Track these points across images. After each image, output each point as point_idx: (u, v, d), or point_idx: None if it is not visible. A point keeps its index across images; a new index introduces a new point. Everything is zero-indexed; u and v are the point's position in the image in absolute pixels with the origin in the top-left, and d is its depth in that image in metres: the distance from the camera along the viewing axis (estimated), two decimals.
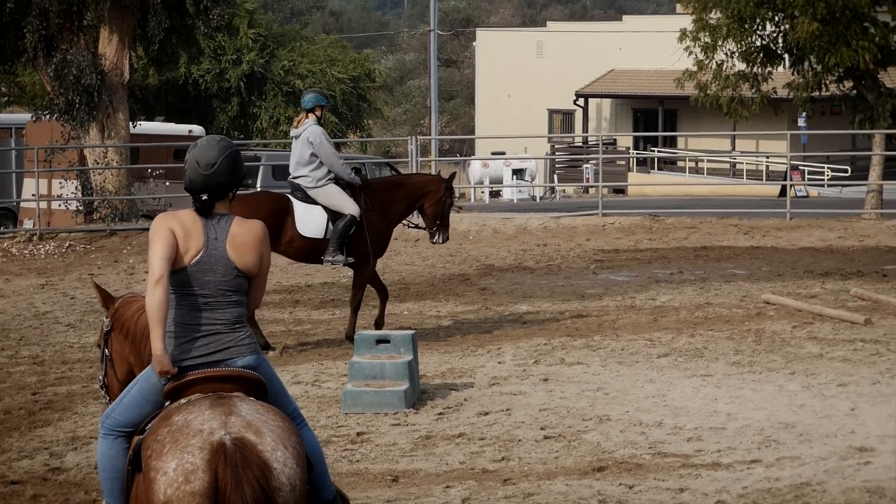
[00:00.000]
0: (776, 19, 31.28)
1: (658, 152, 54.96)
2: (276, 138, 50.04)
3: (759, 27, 31.29)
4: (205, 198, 6.58)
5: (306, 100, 15.57)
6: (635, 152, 54.68)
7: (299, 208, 15.14)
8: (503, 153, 48.38)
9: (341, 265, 15.49)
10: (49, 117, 29.63)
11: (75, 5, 28.54)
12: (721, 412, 11.60)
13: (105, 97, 28.86)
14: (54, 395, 13.27)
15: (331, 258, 15.16)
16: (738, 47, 31.24)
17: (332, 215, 15.15)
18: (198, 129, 38.18)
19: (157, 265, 6.41)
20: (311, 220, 15.11)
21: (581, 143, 59.43)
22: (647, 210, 30.35)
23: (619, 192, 48.54)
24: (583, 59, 58.73)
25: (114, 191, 29.23)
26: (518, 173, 47.70)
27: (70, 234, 27.34)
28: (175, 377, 6.47)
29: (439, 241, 15.96)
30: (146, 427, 6.43)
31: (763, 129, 43.31)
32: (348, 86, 53.65)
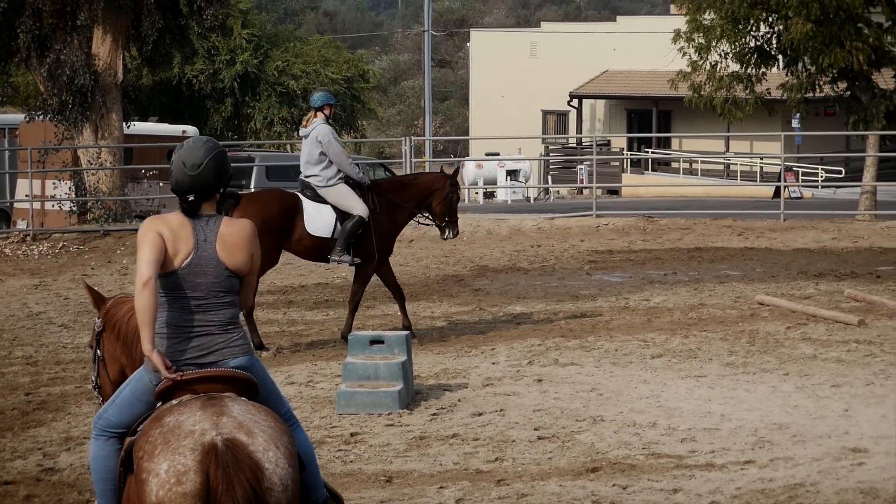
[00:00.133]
0: (770, 20, 31.31)
1: (652, 153, 54.96)
2: (270, 139, 50.03)
3: (753, 28, 31.32)
4: (191, 198, 6.57)
5: (315, 98, 15.67)
6: (629, 153, 54.69)
7: (308, 207, 15.24)
8: (497, 154, 48.38)
9: (347, 265, 15.56)
10: (42, 118, 29.62)
11: (69, 5, 28.51)
12: (715, 413, 11.60)
13: (98, 97, 28.84)
14: (48, 396, 13.26)
15: (337, 257, 15.27)
16: (732, 48, 31.27)
17: (341, 215, 15.26)
18: (191, 130, 38.15)
19: (145, 268, 6.39)
20: (319, 219, 15.22)
21: (575, 144, 59.43)
22: (641, 211, 30.36)
23: (613, 193, 48.55)
24: (577, 60, 58.72)
25: (107, 191, 29.21)
26: (512, 174, 47.67)
27: (63, 235, 27.33)
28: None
29: (450, 236, 16.12)
30: (138, 428, 6.42)
31: (757, 131, 43.35)
32: (342, 86, 53.61)
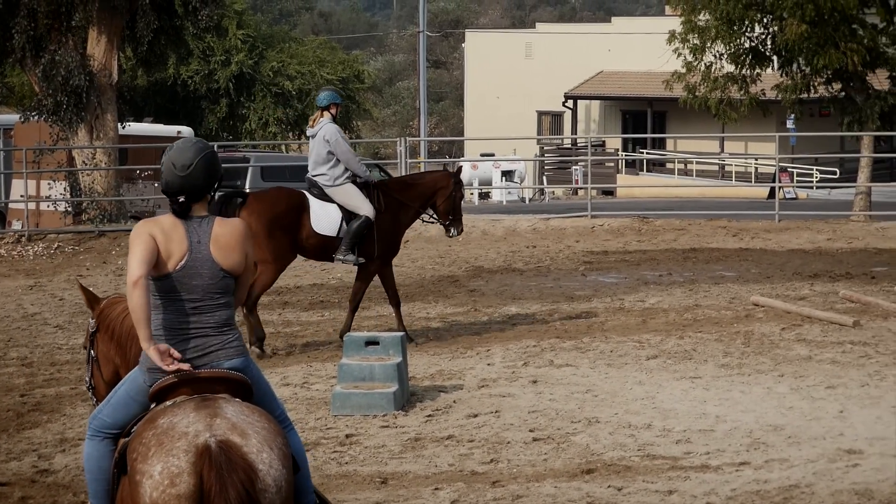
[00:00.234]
0: (765, 21, 31.33)
1: (647, 154, 54.99)
2: (265, 139, 50.01)
3: (748, 29, 31.34)
4: (182, 200, 6.57)
5: (321, 98, 15.74)
6: (624, 154, 54.71)
7: (315, 205, 15.30)
8: (492, 155, 48.38)
9: (352, 264, 15.61)
10: (37, 118, 29.60)
11: (64, 6, 28.51)
12: (710, 414, 11.60)
13: (93, 98, 28.83)
14: (43, 397, 13.25)
15: (342, 257, 15.33)
16: (727, 49, 31.29)
17: (347, 214, 15.32)
18: (186, 130, 38.14)
19: (135, 267, 6.37)
20: (326, 218, 15.28)
21: (570, 145, 59.45)
22: (636, 212, 30.37)
23: (608, 193, 48.56)
24: (572, 61, 58.75)
25: (102, 192, 29.21)
26: (507, 175, 47.69)
27: (58, 236, 27.31)
28: (160, 379, 6.45)
29: (454, 234, 16.17)
30: (132, 429, 6.42)
31: (752, 131, 43.39)
32: (337, 87, 53.59)
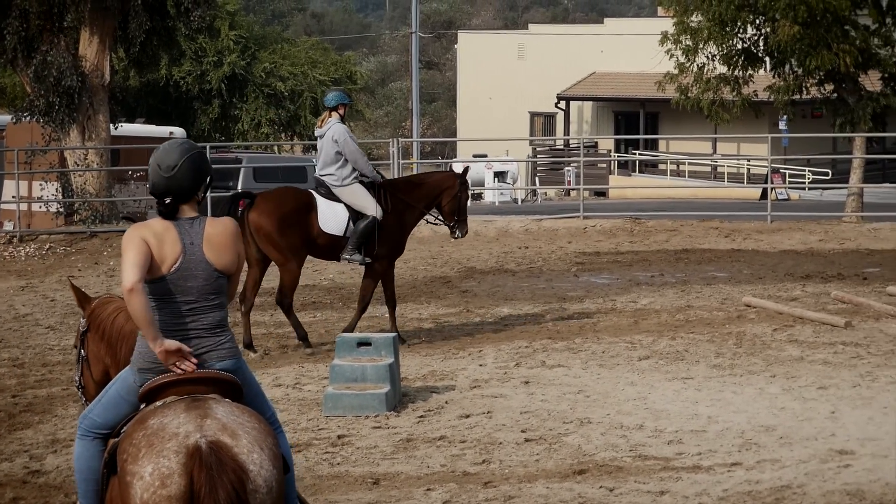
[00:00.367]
0: (757, 22, 31.34)
1: (639, 155, 55.01)
2: (258, 140, 49.96)
3: (740, 30, 31.36)
4: (168, 201, 6.55)
5: (329, 98, 15.83)
6: (616, 155, 54.72)
7: (322, 205, 15.37)
8: (485, 156, 48.37)
9: (358, 263, 15.68)
10: (29, 119, 29.56)
11: (56, 7, 28.47)
12: (702, 415, 11.61)
13: (85, 99, 28.79)
14: (34, 398, 13.23)
15: (348, 256, 15.42)
16: (719, 50, 31.30)
17: (354, 214, 15.36)
18: (179, 131, 38.10)
19: (129, 273, 6.34)
20: (333, 217, 15.35)
21: (562, 146, 59.46)
22: (629, 213, 30.39)
23: (601, 194, 48.58)
24: (564, 62, 58.76)
25: (94, 193, 29.17)
26: (499, 176, 47.70)
27: (50, 236, 27.28)
28: (150, 379, 6.44)
29: (459, 235, 16.20)
30: (121, 430, 6.41)
31: (744, 132, 43.40)
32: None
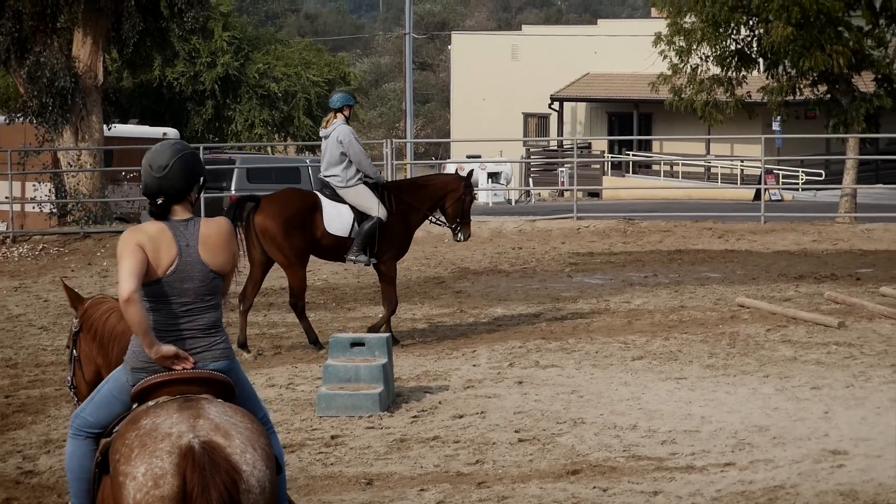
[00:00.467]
0: (751, 23, 31.39)
1: (633, 156, 55.02)
2: (251, 141, 49.92)
3: (734, 31, 31.40)
4: (160, 201, 6.54)
5: (335, 99, 15.88)
6: (610, 156, 54.70)
7: (327, 206, 15.40)
8: (478, 156, 48.36)
9: (363, 264, 15.72)
10: (22, 120, 29.54)
11: (49, 7, 28.45)
12: (695, 415, 11.61)
13: (79, 100, 28.78)
14: (27, 398, 13.21)
15: (354, 257, 15.47)
16: (713, 51, 31.34)
17: (359, 215, 15.40)
18: (172, 132, 38.07)
19: (126, 282, 6.32)
20: (338, 218, 15.39)
21: (556, 147, 59.45)
22: (622, 213, 30.41)
23: (594, 195, 48.57)
24: (558, 63, 58.76)
25: (87, 193, 29.15)
26: (493, 177, 47.67)
27: (43, 237, 27.26)
28: (143, 379, 6.44)
29: (461, 238, 16.18)
30: (113, 430, 6.40)
31: (737, 133, 43.45)
32: (323, 89, 53.50)
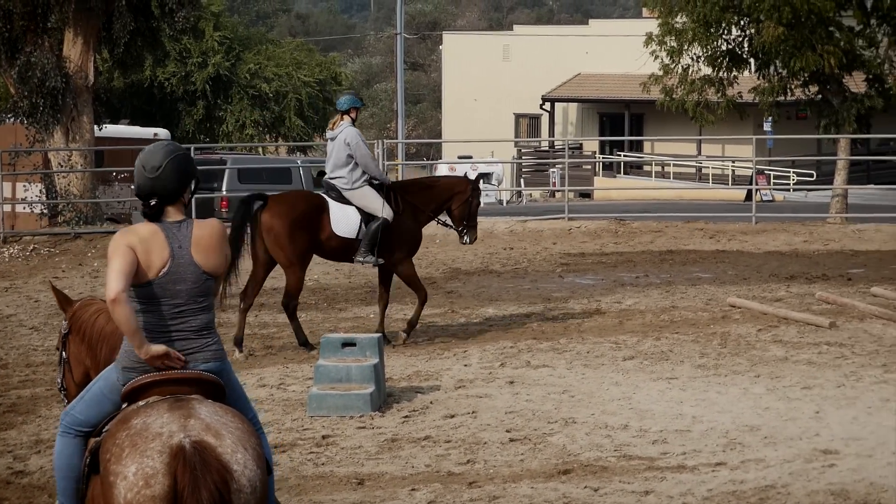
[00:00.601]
0: (742, 24, 31.41)
1: (624, 156, 55.05)
2: (242, 142, 49.90)
3: (725, 31, 31.41)
4: (153, 202, 6.53)
5: (342, 102, 15.93)
6: (601, 156, 54.75)
7: (334, 207, 15.46)
8: (470, 157, 48.38)
9: (371, 265, 15.79)
10: (13, 120, 29.49)
11: (39, 7, 28.41)
12: (686, 415, 11.61)
13: (69, 100, 28.74)
14: (18, 399, 13.20)
15: (362, 258, 15.53)
16: (704, 51, 31.35)
17: (365, 216, 15.45)
18: (163, 133, 38.03)
19: (113, 282, 6.30)
20: (345, 220, 15.44)
21: (547, 147, 59.48)
22: (613, 214, 30.43)
23: (586, 196, 48.61)
24: (549, 63, 58.79)
25: (78, 194, 29.11)
26: (485, 177, 47.67)
27: (34, 238, 27.21)
28: (134, 378, 6.43)
29: (467, 241, 16.21)
30: (103, 429, 6.39)
31: (729, 134, 43.47)
32: (314, 89, 53.51)
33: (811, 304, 17.71)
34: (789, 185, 47.01)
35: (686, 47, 31.20)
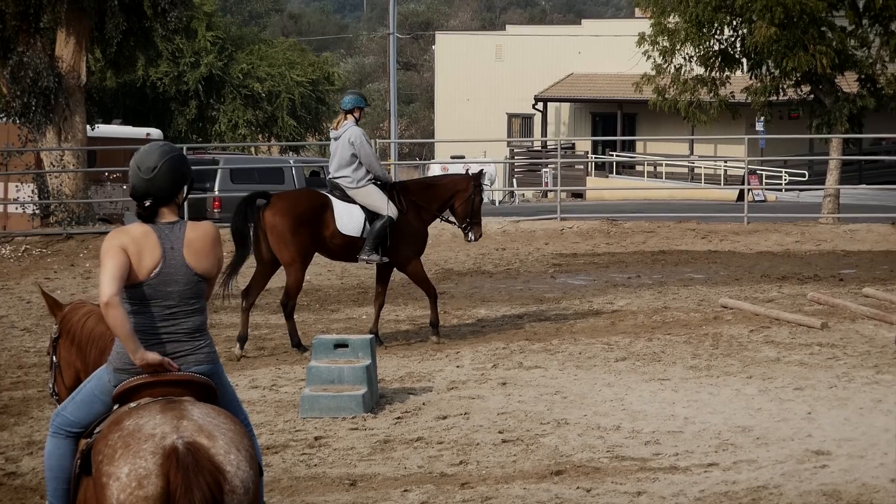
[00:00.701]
0: (734, 24, 31.42)
1: (616, 156, 55.07)
2: (235, 142, 49.88)
3: (717, 31, 31.43)
4: (147, 203, 6.52)
5: (346, 101, 16.02)
6: (594, 156, 54.77)
7: (339, 206, 15.50)
8: (462, 157, 48.38)
9: (376, 264, 15.81)
10: (5, 120, 29.45)
11: (32, 7, 28.37)
12: (678, 416, 11.62)
13: (62, 100, 28.71)
14: (10, 400, 13.18)
15: (366, 257, 15.57)
16: (697, 51, 31.37)
17: (370, 215, 15.47)
18: (155, 133, 38.00)
19: (106, 286, 6.30)
20: (349, 218, 15.50)
21: (540, 147, 59.50)
22: (606, 214, 30.43)
23: (578, 196, 48.63)
24: (542, 63, 58.83)
25: (70, 194, 29.09)
26: None
27: (26, 238, 27.17)
28: (125, 380, 6.42)
29: (472, 238, 16.23)
30: (94, 430, 6.38)
31: (721, 134, 43.49)
32: (307, 89, 53.53)
33: (803, 304, 17.73)
34: (781, 185, 47.07)
35: (678, 47, 31.22)
